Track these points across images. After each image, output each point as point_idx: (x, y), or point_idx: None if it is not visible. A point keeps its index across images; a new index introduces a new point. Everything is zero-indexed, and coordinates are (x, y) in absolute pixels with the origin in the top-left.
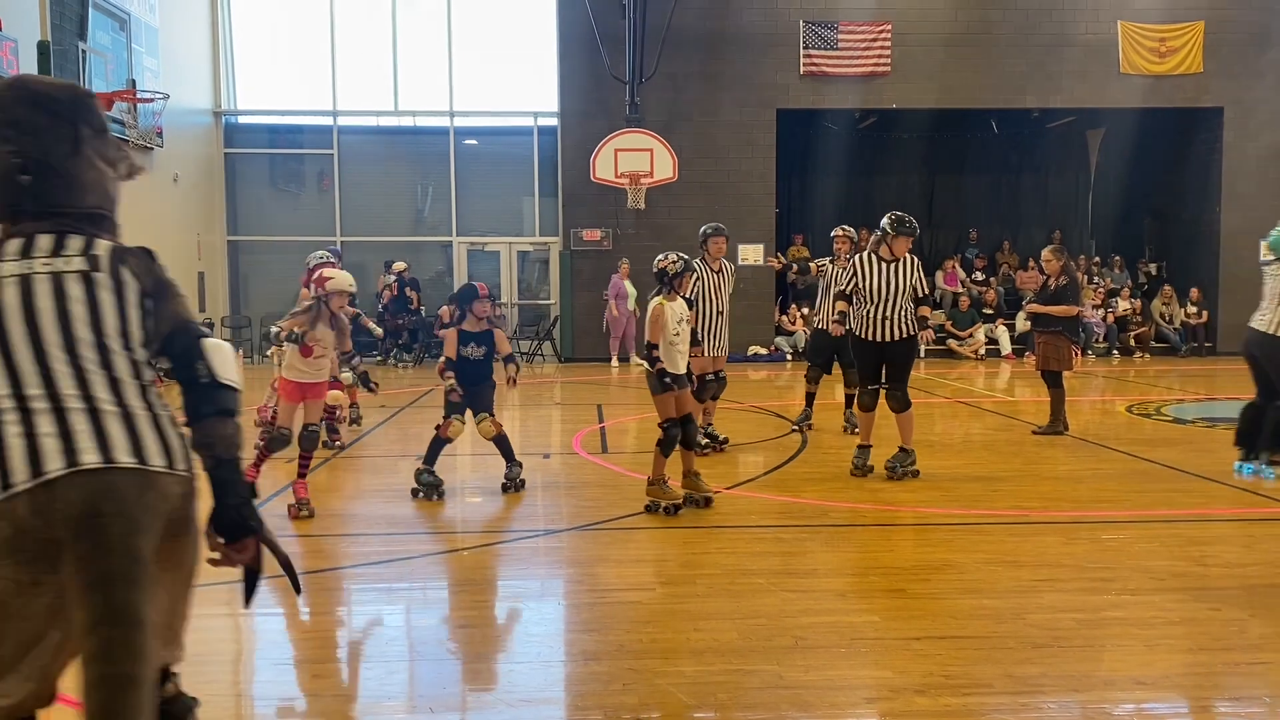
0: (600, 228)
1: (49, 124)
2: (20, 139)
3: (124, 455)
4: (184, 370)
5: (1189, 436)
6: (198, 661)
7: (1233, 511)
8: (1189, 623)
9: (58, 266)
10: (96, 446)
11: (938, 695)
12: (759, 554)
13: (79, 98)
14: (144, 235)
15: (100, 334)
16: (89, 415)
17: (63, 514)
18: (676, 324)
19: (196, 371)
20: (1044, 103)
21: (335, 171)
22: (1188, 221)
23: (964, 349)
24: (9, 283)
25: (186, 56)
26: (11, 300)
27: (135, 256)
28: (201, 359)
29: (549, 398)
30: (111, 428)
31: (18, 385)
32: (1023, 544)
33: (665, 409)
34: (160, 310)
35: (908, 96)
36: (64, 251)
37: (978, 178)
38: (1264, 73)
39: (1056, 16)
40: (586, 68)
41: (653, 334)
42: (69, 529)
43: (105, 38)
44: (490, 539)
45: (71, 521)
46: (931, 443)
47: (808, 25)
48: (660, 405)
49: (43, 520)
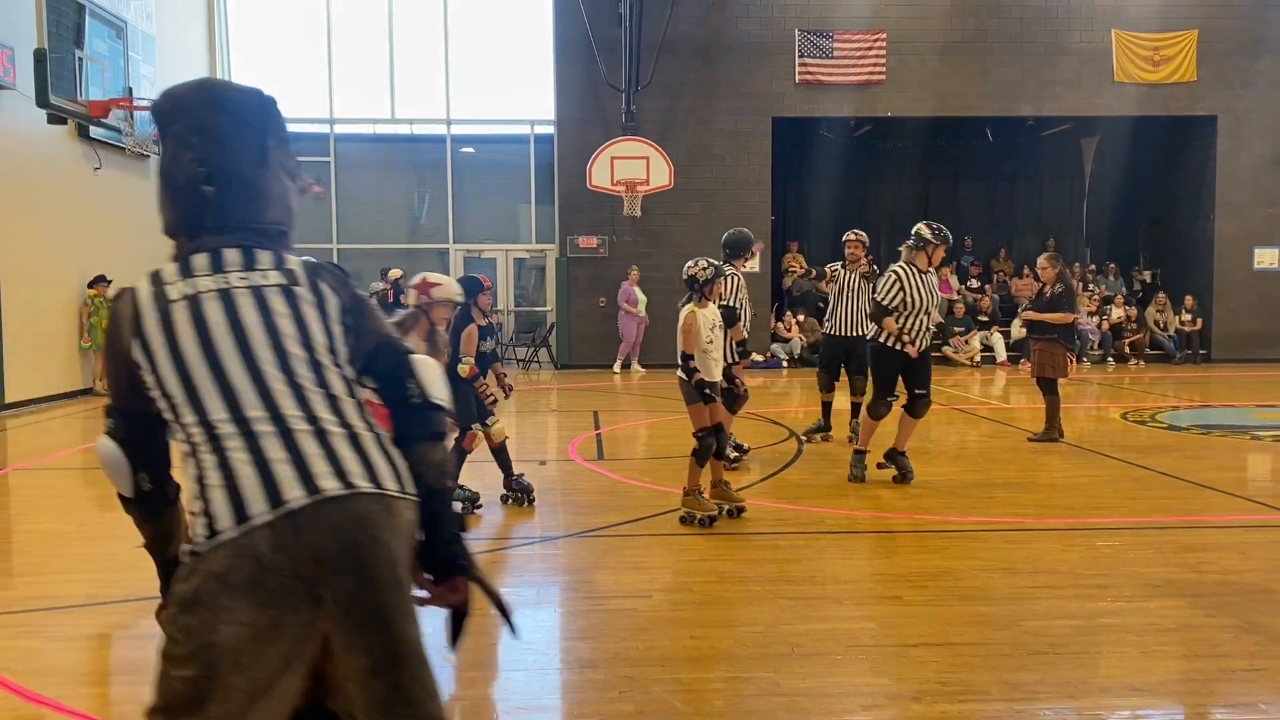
0: (597, 235)
1: (235, 131)
2: (205, 147)
3: (361, 480)
4: (392, 390)
5: (1183, 443)
6: None
7: (1227, 518)
8: (1184, 629)
9: (255, 280)
10: (333, 471)
11: (934, 702)
12: (755, 561)
13: (267, 104)
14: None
15: (311, 350)
16: (317, 437)
17: (313, 548)
18: (709, 331)
19: (407, 391)
20: (1038, 111)
21: (332, 179)
22: (1182, 229)
23: (960, 356)
24: (209, 298)
25: (183, 64)
26: (216, 316)
27: (329, 271)
28: (412, 377)
29: (545, 404)
30: (342, 450)
31: (236, 406)
32: (1018, 551)
33: (700, 418)
34: (361, 326)
35: (903, 105)
36: (257, 265)
37: (973, 185)
38: (1257, 81)
39: (1051, 25)
40: (583, 76)
41: (687, 343)
42: (322, 565)
43: (102, 45)
44: (486, 546)
45: (326, 556)
46: (927, 450)
47: (803, 34)
48: (696, 415)
49: (287, 556)
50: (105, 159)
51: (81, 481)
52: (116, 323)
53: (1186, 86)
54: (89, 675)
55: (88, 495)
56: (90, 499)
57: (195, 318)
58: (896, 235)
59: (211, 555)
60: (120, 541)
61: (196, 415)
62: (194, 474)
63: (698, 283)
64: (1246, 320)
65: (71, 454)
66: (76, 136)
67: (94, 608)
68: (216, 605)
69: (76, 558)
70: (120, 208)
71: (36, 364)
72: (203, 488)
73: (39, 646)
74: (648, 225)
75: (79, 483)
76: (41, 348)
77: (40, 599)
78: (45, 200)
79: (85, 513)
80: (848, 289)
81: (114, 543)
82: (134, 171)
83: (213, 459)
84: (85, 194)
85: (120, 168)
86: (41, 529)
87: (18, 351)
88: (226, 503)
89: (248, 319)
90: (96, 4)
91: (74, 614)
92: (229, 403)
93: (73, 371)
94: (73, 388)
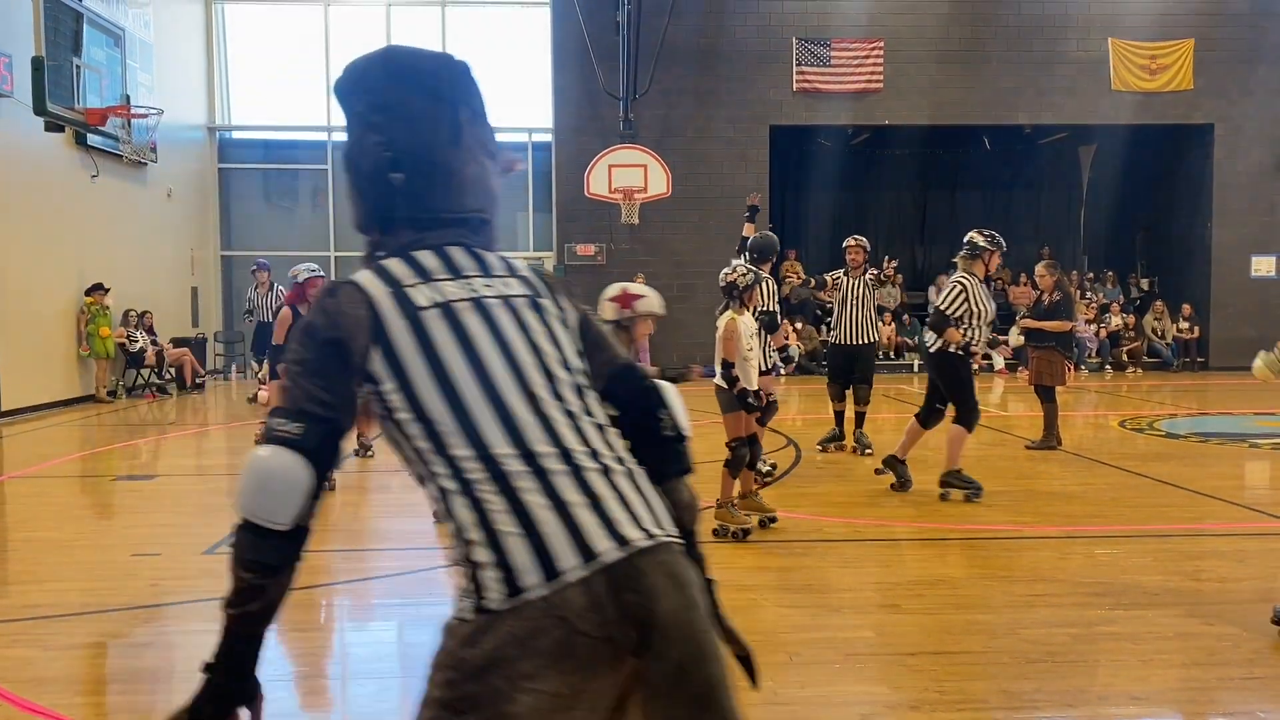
0: (594, 243)
1: (426, 107)
2: (391, 126)
3: (654, 526)
4: (639, 419)
5: (1181, 451)
6: (188, 678)
7: (1225, 526)
8: (1183, 637)
9: (499, 289)
10: (630, 518)
11: (932, 711)
12: (753, 569)
13: (458, 72)
14: (138, 250)
15: (571, 372)
16: (603, 476)
17: (632, 609)
18: (749, 338)
19: (659, 422)
20: (1036, 119)
21: (329, 186)
22: (1179, 237)
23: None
24: (465, 309)
25: (181, 72)
26: (478, 330)
27: (560, 281)
28: (664, 407)
29: None
30: (627, 490)
31: (521, 439)
32: (1016, 559)
33: (735, 428)
34: (598, 344)
35: (900, 113)
36: (493, 271)
37: (970, 193)
38: (1253, 90)
39: (1048, 34)
40: (581, 84)
41: (729, 351)
42: (644, 630)
43: (100, 53)
44: None
45: (649, 620)
46: (926, 458)
47: (800, 42)
48: (731, 424)
49: (599, 618)
50: (102, 167)
51: (78, 489)
52: (337, 321)
53: (1183, 95)
54: (83, 684)
55: (83, 503)
56: (86, 507)
57: (456, 331)
58: (894, 244)
59: (511, 615)
60: (115, 550)
61: (473, 447)
62: (471, 518)
63: (736, 289)
64: (1244, 328)
65: (68, 462)
66: (74, 144)
67: (89, 616)
68: (515, 672)
69: (71, 566)
70: (117, 215)
71: (33, 371)
72: (492, 534)
73: (33, 655)
74: (645, 233)
75: (75, 491)
76: (38, 355)
77: (35, 607)
78: (42, 208)
79: (81, 521)
80: (851, 295)
81: (109, 551)
82: (131, 179)
83: (501, 501)
84: (82, 201)
85: (117, 175)
86: (37, 537)
87: (15, 359)
88: (531, 554)
89: (511, 336)
90: (94, 12)
91: (69, 622)
92: (512, 434)
93: (70, 379)
94: (69, 395)
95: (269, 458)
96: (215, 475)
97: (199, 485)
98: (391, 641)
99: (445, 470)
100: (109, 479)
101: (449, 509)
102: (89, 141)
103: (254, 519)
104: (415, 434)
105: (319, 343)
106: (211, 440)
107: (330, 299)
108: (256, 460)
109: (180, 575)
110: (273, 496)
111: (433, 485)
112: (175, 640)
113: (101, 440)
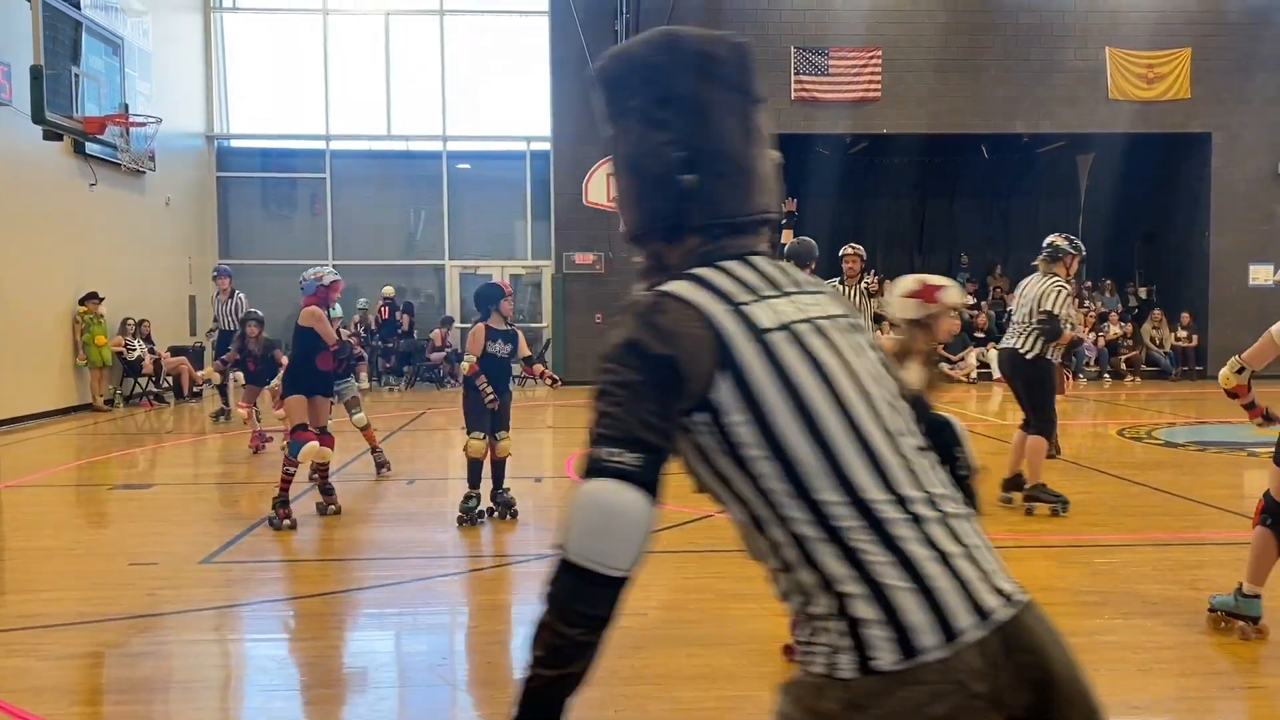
0: (593, 251)
1: (716, 98)
2: (678, 121)
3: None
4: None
5: (1180, 460)
6: (186, 688)
7: (1224, 535)
8: (1181, 646)
9: (824, 308)
10: (999, 568)
11: None
12: (753, 578)
13: (742, 55)
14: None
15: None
16: (966, 522)
17: (1026, 671)
18: None
19: (956, 460)
20: (1033, 128)
21: (327, 195)
22: (1177, 246)
23: (956, 372)
24: (805, 330)
25: (179, 81)
26: (828, 357)
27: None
28: (959, 445)
29: (541, 421)
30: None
31: (889, 482)
32: (1015, 568)
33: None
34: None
35: (898, 122)
36: (806, 286)
37: (968, 202)
38: (1250, 98)
39: (1045, 43)
40: (579, 92)
41: None
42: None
43: (99, 62)
44: (481, 564)
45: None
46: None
47: (798, 51)
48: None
49: (991, 682)
50: (101, 175)
51: (74, 498)
52: (674, 341)
53: (1181, 104)
54: (80, 694)
55: (79, 513)
56: (82, 516)
57: (808, 358)
58: (892, 252)
59: (906, 677)
60: (112, 559)
61: (844, 491)
62: (845, 570)
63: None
64: (1242, 336)
65: (65, 470)
66: (72, 152)
67: (85, 626)
68: None
69: (68, 575)
70: (115, 224)
71: (31, 380)
72: (878, 588)
73: (30, 665)
74: None
75: (72, 500)
76: (34, 364)
77: (31, 617)
78: (40, 216)
79: (77, 530)
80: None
81: (106, 560)
82: (129, 188)
83: (883, 552)
84: (80, 210)
85: (116, 184)
86: (33, 546)
87: (12, 367)
88: (927, 612)
89: (855, 364)
90: (93, 21)
91: (65, 632)
92: (881, 476)
93: (66, 388)
94: (67, 404)
95: (613, 493)
96: (212, 484)
97: (196, 494)
98: (389, 651)
99: (805, 515)
100: (106, 488)
101: (808, 557)
102: (87, 150)
103: (588, 563)
104: (767, 473)
105: (652, 364)
106: (209, 449)
107: (659, 315)
108: (595, 496)
109: (177, 584)
110: (615, 538)
111: (779, 530)
112: (172, 650)
113: (98, 449)
